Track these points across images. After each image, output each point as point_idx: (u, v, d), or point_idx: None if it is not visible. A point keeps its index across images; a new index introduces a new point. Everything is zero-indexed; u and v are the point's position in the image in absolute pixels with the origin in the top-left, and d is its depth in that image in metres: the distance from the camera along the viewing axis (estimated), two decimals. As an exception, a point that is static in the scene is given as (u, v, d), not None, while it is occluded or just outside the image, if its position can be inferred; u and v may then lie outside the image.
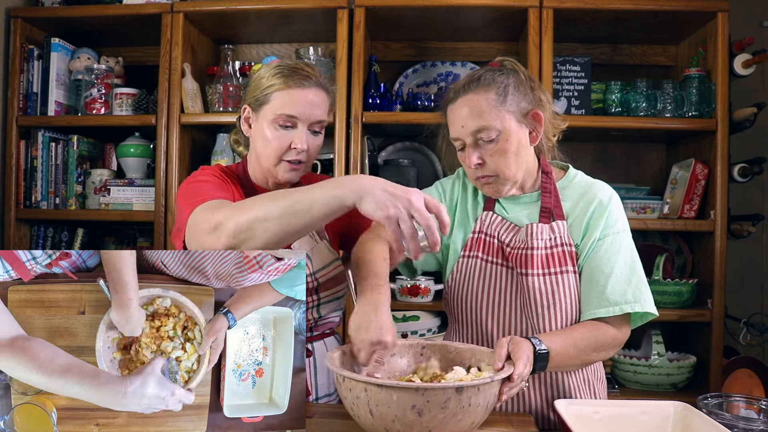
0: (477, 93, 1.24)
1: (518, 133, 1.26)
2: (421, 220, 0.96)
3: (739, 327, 2.29)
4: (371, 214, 0.96)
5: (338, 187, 1.00)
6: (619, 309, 1.21)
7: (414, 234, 0.96)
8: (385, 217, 0.95)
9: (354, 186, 0.98)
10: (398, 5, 2.20)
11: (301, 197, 1.01)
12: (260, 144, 1.32)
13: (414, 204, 0.95)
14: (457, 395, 0.92)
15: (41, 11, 2.41)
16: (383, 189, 0.97)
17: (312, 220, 1.01)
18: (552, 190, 1.30)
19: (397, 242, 0.97)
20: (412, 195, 0.96)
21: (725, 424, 1.02)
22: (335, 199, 0.99)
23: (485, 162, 1.26)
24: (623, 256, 1.25)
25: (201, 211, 1.12)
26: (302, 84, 1.29)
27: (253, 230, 1.02)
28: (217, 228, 1.05)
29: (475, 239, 1.34)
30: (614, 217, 1.27)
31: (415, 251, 0.98)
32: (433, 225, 0.97)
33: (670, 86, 2.23)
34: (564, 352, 1.16)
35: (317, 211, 1.00)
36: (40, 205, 2.40)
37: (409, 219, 0.95)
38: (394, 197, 0.96)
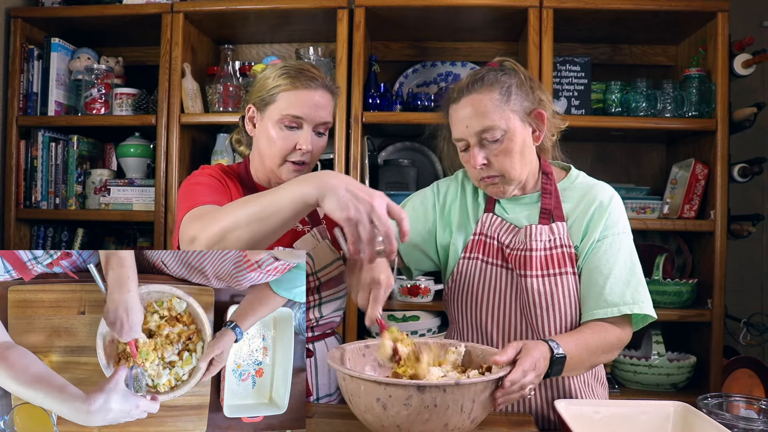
0: (481, 93, 1.24)
1: (522, 132, 1.25)
2: (380, 226, 0.94)
3: (739, 327, 2.29)
4: (331, 213, 0.95)
5: (302, 185, 0.99)
6: (617, 310, 1.21)
7: (371, 239, 0.95)
8: (345, 219, 0.94)
9: (318, 183, 0.97)
10: (398, 5, 2.20)
11: (267, 202, 1.01)
12: (264, 144, 1.32)
13: (376, 209, 0.94)
14: (419, 393, 0.92)
15: (41, 11, 2.41)
16: (347, 189, 0.95)
17: (280, 223, 1.01)
18: (552, 191, 1.30)
19: (354, 245, 0.96)
20: (375, 199, 0.95)
21: (725, 424, 1.02)
22: (299, 198, 0.98)
23: (490, 162, 1.25)
24: (623, 258, 1.25)
25: (186, 220, 1.13)
26: (309, 85, 1.28)
27: (225, 241, 1.02)
28: (192, 242, 1.05)
29: (475, 241, 1.34)
30: (614, 218, 1.27)
31: (370, 256, 0.96)
32: (391, 232, 0.95)
33: (670, 86, 2.23)
34: (577, 355, 1.15)
35: (284, 215, 1.00)
36: (40, 205, 2.40)
37: (368, 223, 0.94)
38: (356, 199, 0.95)
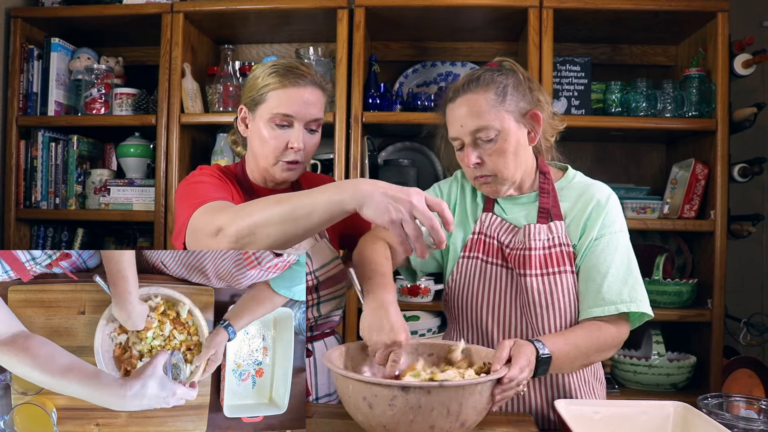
0: (476, 93, 1.24)
1: (517, 133, 1.26)
2: (424, 220, 0.95)
3: (739, 327, 2.29)
4: (373, 219, 0.96)
5: (338, 192, 0.99)
6: (614, 308, 1.21)
7: (419, 235, 0.96)
8: (388, 222, 0.95)
9: (354, 191, 0.97)
10: (398, 5, 2.20)
11: (301, 203, 1.01)
12: (257, 144, 1.32)
13: (416, 205, 0.95)
14: (403, 394, 0.92)
15: (41, 11, 2.41)
16: (383, 193, 0.96)
17: (312, 225, 1.01)
18: (550, 190, 1.30)
19: (402, 244, 0.97)
20: (413, 196, 0.96)
21: (725, 424, 1.02)
22: (336, 204, 0.99)
23: (484, 162, 1.26)
24: (620, 256, 1.25)
25: (202, 213, 1.12)
26: (297, 83, 1.28)
27: (254, 235, 1.02)
28: (219, 232, 1.04)
29: (474, 240, 1.34)
30: (611, 217, 1.27)
31: (421, 251, 0.97)
32: (436, 224, 0.96)
33: (670, 86, 2.23)
34: (565, 355, 1.16)
35: (317, 217, 1.00)
36: (40, 205, 2.40)
37: (412, 221, 0.95)
38: (395, 200, 0.95)
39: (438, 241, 0.97)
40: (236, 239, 1.02)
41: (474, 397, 0.96)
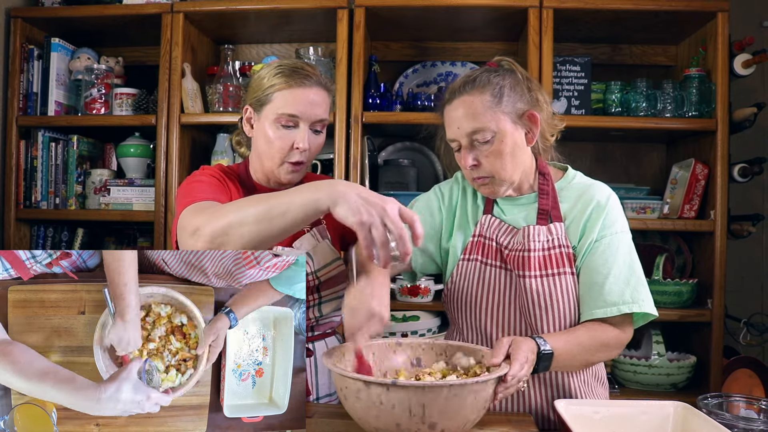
0: (472, 94, 1.24)
1: (514, 134, 1.25)
2: (394, 229, 0.95)
3: (739, 327, 2.29)
4: (344, 219, 0.96)
5: (314, 191, 1.00)
6: (617, 309, 1.21)
7: (385, 242, 0.96)
8: (358, 223, 0.95)
9: (330, 190, 0.98)
10: (398, 5, 2.20)
11: (276, 203, 1.01)
12: (263, 144, 1.32)
13: (388, 212, 0.95)
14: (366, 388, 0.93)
15: (41, 11, 2.41)
16: (358, 195, 0.96)
17: (287, 225, 1.02)
18: (549, 191, 1.30)
19: (368, 249, 0.97)
20: (387, 204, 0.96)
21: (725, 424, 1.02)
22: (310, 204, 0.99)
23: (481, 163, 1.26)
24: (622, 257, 1.25)
25: (187, 213, 1.13)
26: (303, 83, 1.29)
27: (228, 236, 1.02)
28: (195, 232, 1.06)
29: (474, 243, 1.34)
30: (612, 217, 1.27)
31: (384, 260, 0.97)
32: (405, 235, 0.96)
33: (670, 86, 2.23)
34: (567, 353, 1.16)
35: (292, 217, 1.01)
36: (40, 205, 2.40)
37: (381, 227, 0.95)
38: (368, 204, 0.96)
39: (403, 254, 0.97)
40: (211, 239, 1.03)
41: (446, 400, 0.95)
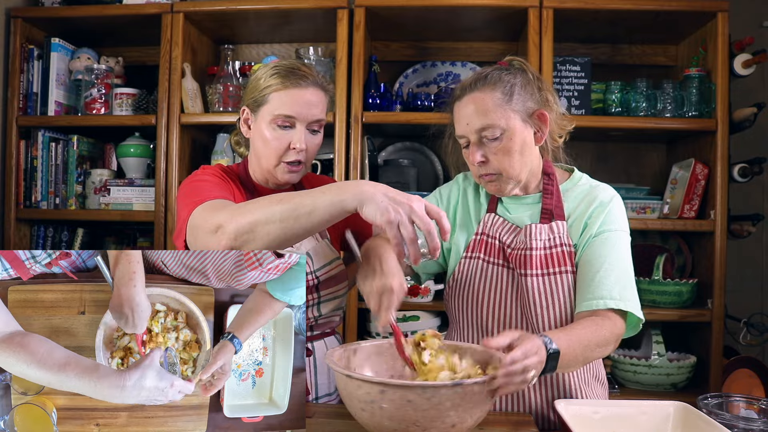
0: (483, 91, 1.24)
1: (523, 132, 1.25)
2: (421, 225, 0.97)
3: (739, 327, 2.28)
4: (372, 218, 0.97)
5: (340, 192, 1.00)
6: (603, 303, 1.19)
7: (414, 239, 0.97)
8: (386, 222, 0.96)
9: (356, 191, 0.99)
10: (398, 5, 2.20)
11: (303, 201, 1.01)
12: (260, 145, 1.32)
13: (415, 209, 0.96)
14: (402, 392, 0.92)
15: (41, 11, 2.41)
16: (384, 194, 0.98)
17: (313, 225, 1.02)
18: (554, 191, 1.30)
19: (397, 247, 0.98)
20: (414, 201, 0.97)
21: (725, 424, 1.02)
22: (337, 204, 1.00)
23: (489, 160, 1.26)
24: (617, 254, 1.24)
25: (202, 210, 1.12)
26: (299, 84, 1.29)
27: (254, 233, 1.02)
28: (218, 229, 1.05)
29: (477, 241, 1.34)
30: (613, 216, 1.27)
31: (414, 256, 0.98)
32: (433, 230, 0.97)
33: (670, 86, 2.23)
34: (571, 351, 1.14)
35: (318, 216, 1.01)
36: (40, 205, 2.40)
37: (410, 224, 0.96)
38: (395, 202, 0.97)
39: (432, 249, 0.98)
40: (235, 236, 1.03)
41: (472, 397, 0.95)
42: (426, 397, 0.92)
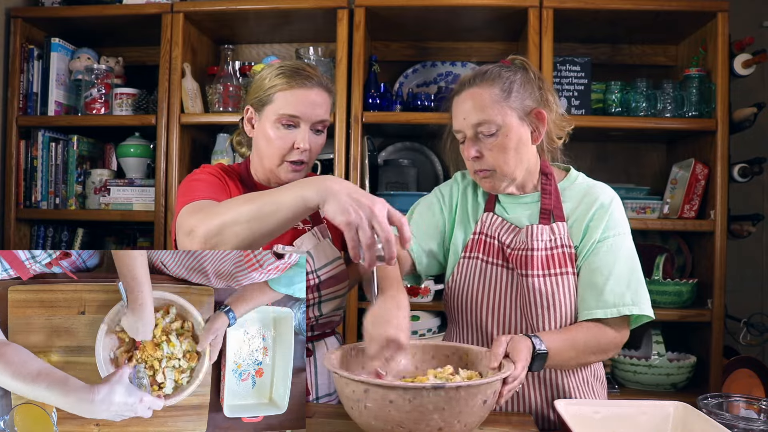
0: (481, 87, 1.25)
1: (519, 130, 1.25)
2: (380, 231, 0.95)
3: (739, 327, 2.28)
4: (332, 217, 0.96)
5: (304, 187, 0.99)
6: (617, 311, 1.21)
7: (371, 244, 0.95)
8: (345, 223, 0.95)
9: (320, 187, 0.98)
10: (398, 5, 2.20)
11: (267, 200, 1.01)
12: (263, 144, 1.33)
13: (376, 214, 0.94)
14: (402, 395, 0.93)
15: (41, 11, 2.41)
16: (348, 194, 0.96)
17: (279, 223, 1.02)
18: (552, 191, 1.30)
19: (353, 249, 0.96)
20: (376, 205, 0.95)
21: (725, 424, 1.02)
22: (299, 200, 0.99)
23: (484, 156, 1.26)
24: (623, 259, 1.25)
25: (184, 212, 1.14)
26: (304, 84, 1.29)
27: (222, 235, 1.03)
28: (190, 233, 1.06)
29: (475, 240, 1.34)
30: (615, 219, 1.27)
31: (369, 261, 0.96)
32: (392, 238, 0.95)
33: (670, 86, 2.23)
34: (563, 352, 1.17)
35: (283, 214, 1.00)
36: (40, 205, 2.40)
37: (369, 228, 0.94)
38: (357, 204, 0.95)
39: (388, 256, 0.96)
40: (205, 240, 1.04)
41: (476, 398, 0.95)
42: (407, 398, 0.91)
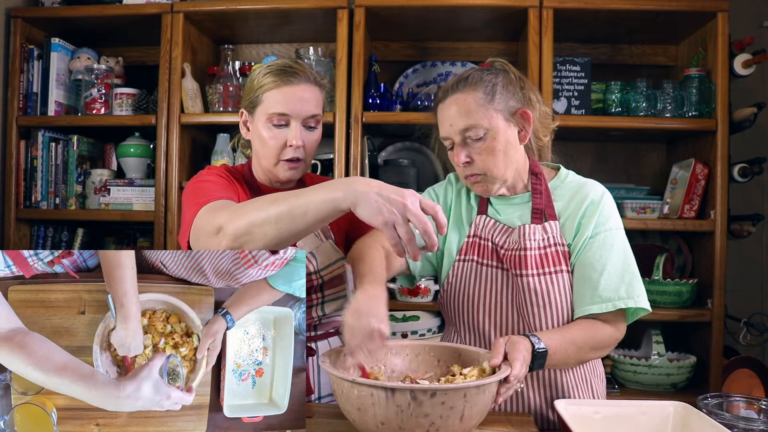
0: (465, 92, 1.25)
1: (506, 131, 1.26)
2: (417, 223, 0.95)
3: (739, 327, 2.28)
4: (367, 219, 0.96)
5: (333, 191, 0.99)
6: (612, 305, 1.21)
7: (411, 238, 0.95)
8: (381, 223, 0.95)
9: (349, 190, 0.97)
10: (398, 5, 2.20)
11: (297, 202, 1.01)
12: (258, 145, 1.33)
13: (409, 207, 0.94)
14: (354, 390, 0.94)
15: (41, 11, 2.41)
16: (378, 193, 0.95)
17: (307, 225, 1.01)
18: (543, 190, 1.31)
19: (395, 246, 0.97)
20: (408, 198, 0.95)
21: (725, 424, 1.02)
22: (330, 203, 0.99)
23: (473, 160, 1.26)
24: (616, 253, 1.25)
25: (205, 212, 1.13)
26: (290, 81, 1.29)
27: (251, 234, 1.03)
28: (218, 231, 1.05)
29: (470, 243, 1.34)
30: (606, 214, 1.27)
31: (413, 254, 0.97)
32: (430, 227, 0.96)
33: (670, 86, 2.23)
34: (562, 351, 1.17)
35: (312, 216, 1.00)
36: (40, 205, 2.40)
37: (405, 223, 0.94)
38: (389, 202, 0.95)
39: (430, 245, 0.97)
40: (234, 238, 1.03)
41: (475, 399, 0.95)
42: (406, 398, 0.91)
